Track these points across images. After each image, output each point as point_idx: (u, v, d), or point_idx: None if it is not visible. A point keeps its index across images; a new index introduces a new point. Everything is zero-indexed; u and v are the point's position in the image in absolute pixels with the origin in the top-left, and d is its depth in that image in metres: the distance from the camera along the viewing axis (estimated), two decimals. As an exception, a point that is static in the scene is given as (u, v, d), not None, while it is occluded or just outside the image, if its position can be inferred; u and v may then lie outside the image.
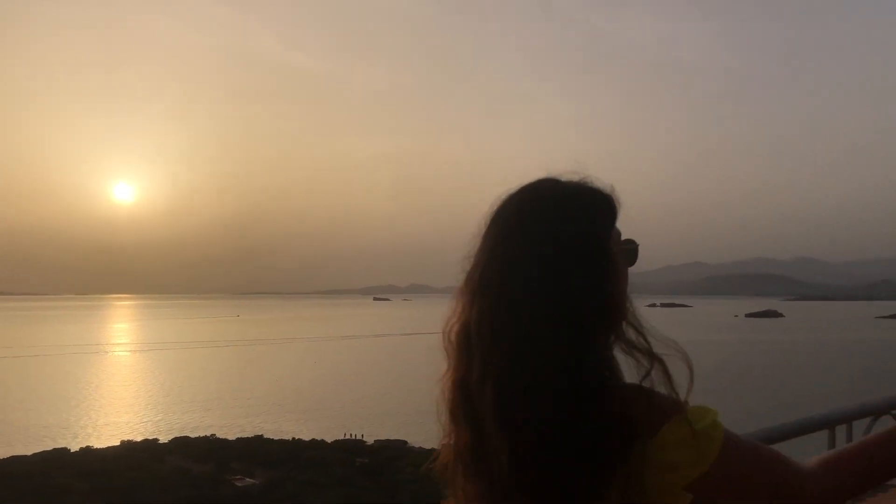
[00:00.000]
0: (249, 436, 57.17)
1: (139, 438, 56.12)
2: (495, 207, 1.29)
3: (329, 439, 57.17)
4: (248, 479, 44.46)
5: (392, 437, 59.00)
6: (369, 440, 57.98)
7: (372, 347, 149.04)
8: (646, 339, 1.20)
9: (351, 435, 59.72)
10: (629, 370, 1.21)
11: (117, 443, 53.89)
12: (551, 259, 1.19)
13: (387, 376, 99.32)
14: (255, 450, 51.31)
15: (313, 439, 56.75)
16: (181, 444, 53.40)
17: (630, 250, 1.31)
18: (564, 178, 1.30)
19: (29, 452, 48.34)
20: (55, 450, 49.35)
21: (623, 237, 1.31)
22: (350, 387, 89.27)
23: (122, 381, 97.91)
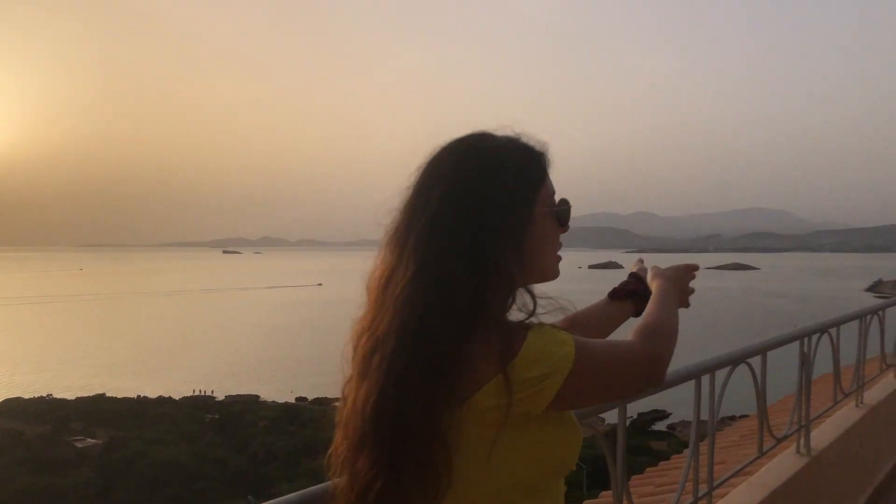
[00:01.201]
0: (90, 395, 54.46)
1: (-37, 402, 52.16)
2: (426, 159, 1.26)
3: (177, 396, 55.55)
4: (88, 440, 42.53)
5: (244, 392, 58.12)
6: (220, 396, 56.83)
7: (220, 302, 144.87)
8: (533, 299, 1.23)
9: (200, 391, 58.30)
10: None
11: (-64, 407, 49.88)
12: (470, 212, 1.19)
13: (236, 331, 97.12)
14: (96, 409, 49.07)
15: (160, 396, 54.95)
16: (12, 405, 50.17)
17: (561, 211, 1.30)
18: (498, 132, 1.28)
19: None
20: None
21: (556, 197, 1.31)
22: (199, 343, 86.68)
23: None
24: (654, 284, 1.57)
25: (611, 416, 2.71)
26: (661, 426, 50.32)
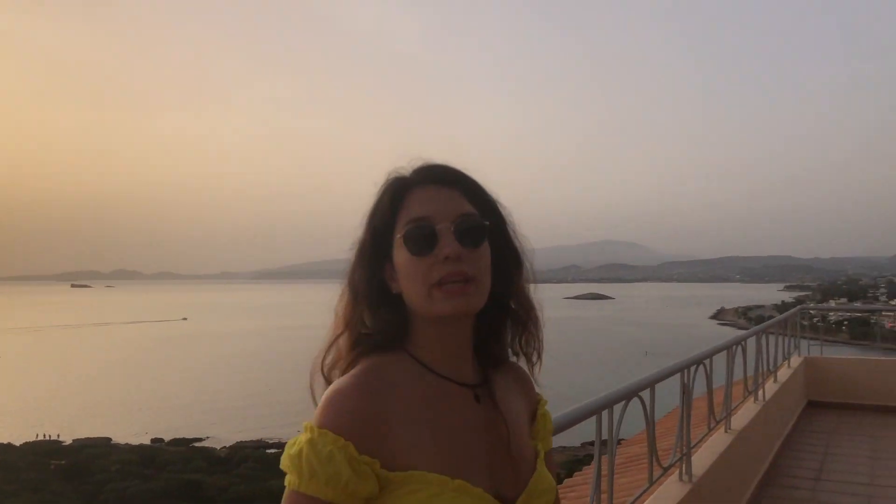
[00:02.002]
0: (-86, 445, 49.18)
1: None
2: None
3: (17, 442, 51.22)
4: None
5: (94, 435, 54.46)
6: (67, 439, 52.95)
7: (71, 338, 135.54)
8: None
9: (45, 435, 54.09)
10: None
11: None
12: (356, 248, 1.27)
13: (84, 370, 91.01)
14: (-81, 461, 44.31)
15: (-2, 443, 50.47)
16: None
17: (405, 236, 1.21)
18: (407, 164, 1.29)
19: None
20: None
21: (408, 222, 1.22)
22: (42, 383, 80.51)
23: None
24: None
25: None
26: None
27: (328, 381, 1.22)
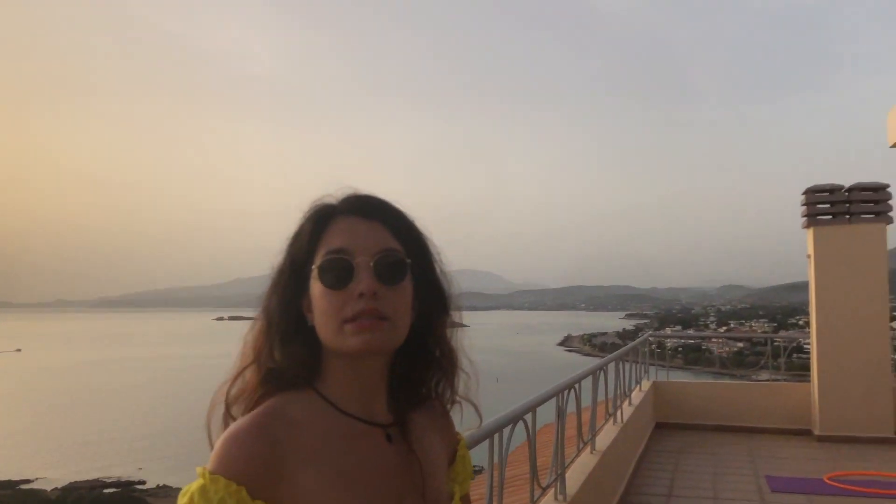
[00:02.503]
0: None
1: None
2: None
3: None
4: None
5: None
6: None
7: None
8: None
9: None
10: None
11: None
12: (273, 274, 1.21)
13: None
14: None
15: None
16: None
17: (320, 269, 1.16)
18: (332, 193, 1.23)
19: None
20: None
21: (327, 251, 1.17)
22: None
23: None
24: None
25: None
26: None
27: (230, 416, 1.16)
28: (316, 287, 1.15)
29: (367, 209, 1.19)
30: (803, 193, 9.95)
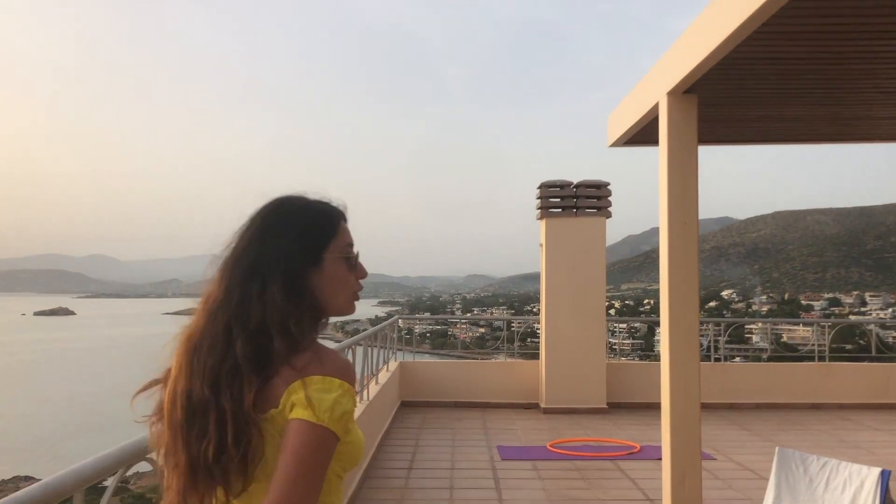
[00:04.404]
0: None
1: None
2: (250, 216, 1.53)
3: None
4: None
5: None
6: None
7: None
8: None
9: None
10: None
11: None
12: (257, 251, 1.47)
13: None
14: None
15: None
16: None
17: (346, 257, 1.53)
18: (309, 195, 1.57)
19: None
20: None
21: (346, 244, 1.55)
22: None
23: None
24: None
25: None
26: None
27: (297, 340, 1.39)
28: (340, 268, 1.53)
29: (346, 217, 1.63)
30: (538, 188, 10.86)
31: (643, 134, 5.56)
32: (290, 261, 1.46)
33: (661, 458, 4.57)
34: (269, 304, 1.41)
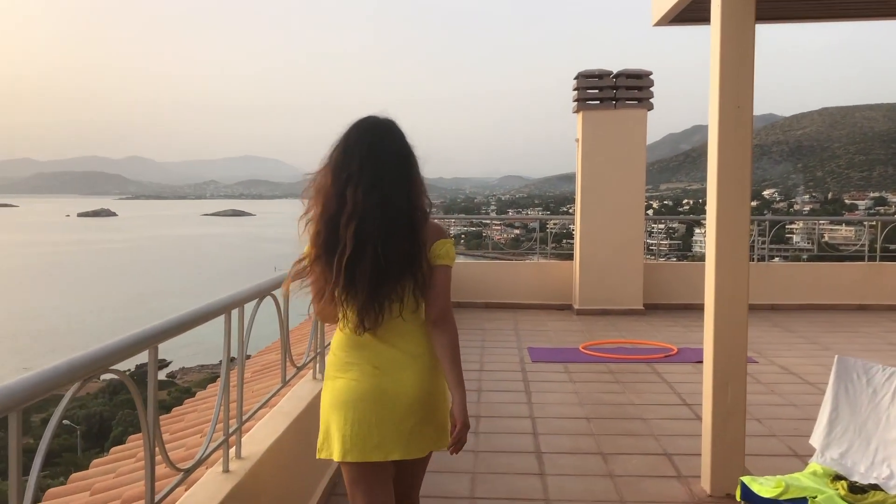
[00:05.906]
0: None
1: None
2: (349, 132, 2.27)
3: None
4: None
5: None
6: None
7: None
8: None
9: None
10: None
11: None
12: (404, 161, 2.28)
13: None
14: None
15: None
16: None
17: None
18: (382, 115, 2.30)
19: None
20: None
21: None
22: None
23: None
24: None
25: (135, 360, 2.52)
26: (160, 375, 49.65)
27: (428, 214, 2.32)
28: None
29: None
30: (575, 78, 10.21)
31: (692, 10, 4.97)
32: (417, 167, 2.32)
33: (699, 362, 4.26)
34: (417, 191, 2.28)
